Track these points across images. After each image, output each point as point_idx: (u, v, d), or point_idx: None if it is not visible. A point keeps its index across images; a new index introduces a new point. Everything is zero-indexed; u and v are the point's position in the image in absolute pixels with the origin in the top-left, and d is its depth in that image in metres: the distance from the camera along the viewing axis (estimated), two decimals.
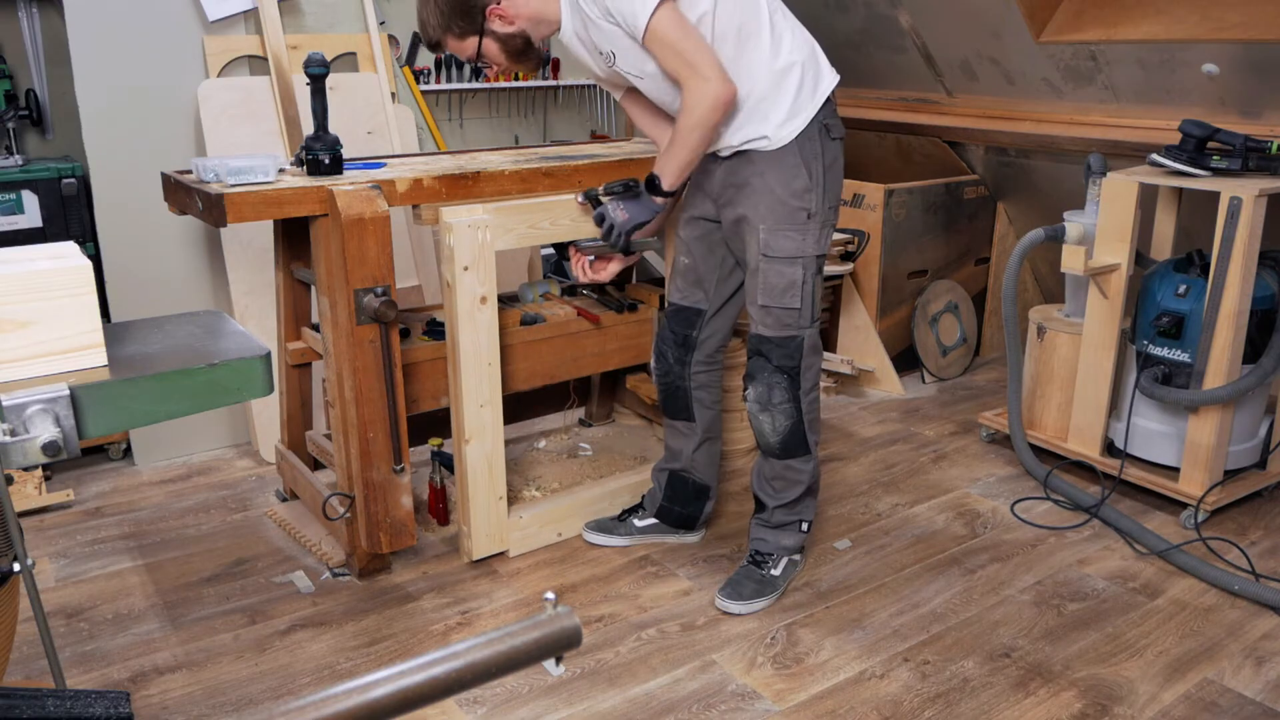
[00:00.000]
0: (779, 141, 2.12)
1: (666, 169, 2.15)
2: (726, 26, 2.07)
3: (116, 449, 3.15)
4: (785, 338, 2.20)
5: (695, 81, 2.01)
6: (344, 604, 2.35)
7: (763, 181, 2.15)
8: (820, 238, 2.18)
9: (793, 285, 2.17)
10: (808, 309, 2.20)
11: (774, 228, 2.15)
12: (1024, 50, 3.51)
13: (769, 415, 2.23)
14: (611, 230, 2.25)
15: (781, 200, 2.14)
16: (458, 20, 2.16)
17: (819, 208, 2.16)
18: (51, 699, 1.18)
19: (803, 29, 2.19)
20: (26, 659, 2.13)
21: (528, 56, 2.23)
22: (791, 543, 2.39)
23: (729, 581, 2.37)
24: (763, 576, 2.36)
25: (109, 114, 2.94)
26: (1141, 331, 2.79)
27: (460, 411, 2.39)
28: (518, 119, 4.35)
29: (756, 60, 2.09)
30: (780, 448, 2.26)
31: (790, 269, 2.16)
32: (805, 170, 2.13)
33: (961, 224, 3.96)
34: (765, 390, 2.22)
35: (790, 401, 2.22)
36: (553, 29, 2.19)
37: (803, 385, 2.23)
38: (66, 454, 1.20)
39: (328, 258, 2.23)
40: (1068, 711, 1.97)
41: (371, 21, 3.38)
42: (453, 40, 2.21)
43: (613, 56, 2.14)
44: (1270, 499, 2.85)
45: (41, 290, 1.30)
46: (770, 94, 2.10)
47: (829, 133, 2.16)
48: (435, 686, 0.79)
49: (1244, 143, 2.59)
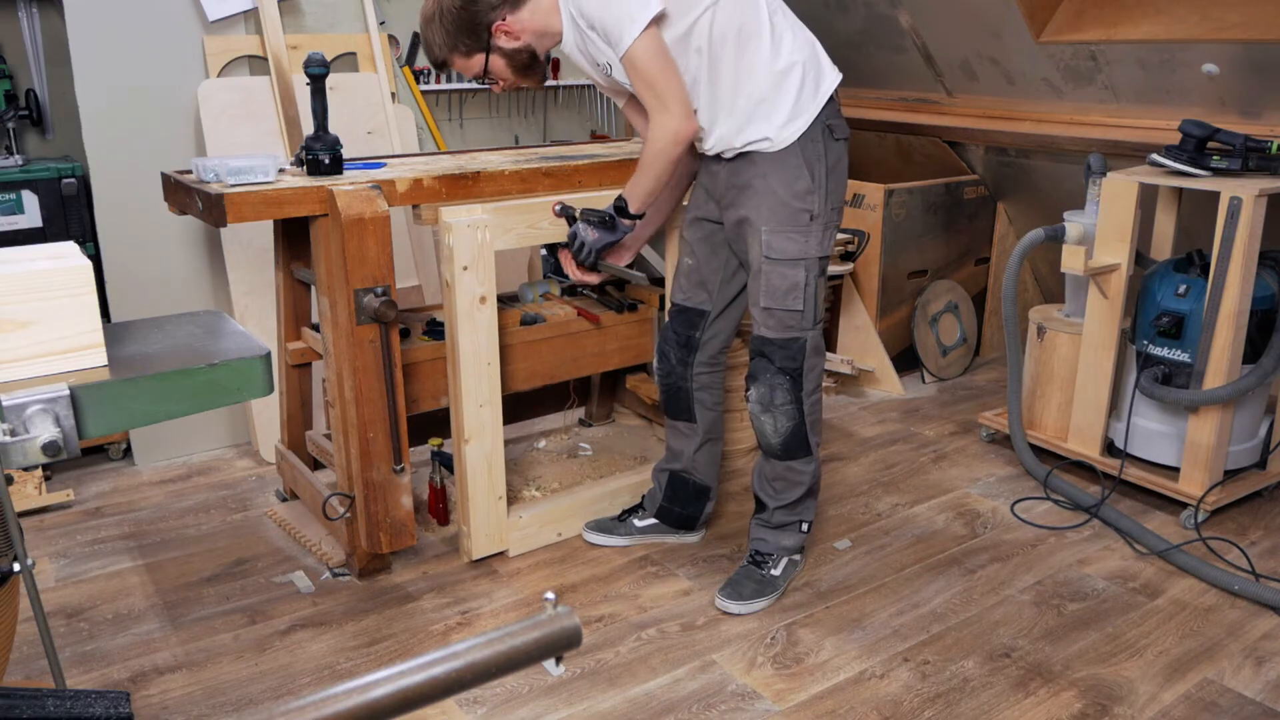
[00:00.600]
0: (781, 143, 2.12)
1: (632, 194, 2.19)
2: (726, 27, 2.07)
3: (116, 449, 3.15)
4: (788, 340, 2.20)
5: (659, 114, 2.06)
6: (344, 604, 2.35)
7: (765, 183, 2.15)
8: (823, 239, 2.18)
9: (795, 287, 2.17)
10: (810, 311, 2.20)
11: (776, 229, 2.15)
12: (1024, 50, 3.51)
13: (771, 416, 2.23)
14: (582, 248, 2.26)
15: (784, 202, 2.14)
16: (464, 38, 2.16)
17: (821, 209, 2.16)
18: (51, 699, 1.18)
19: (804, 28, 2.19)
20: (26, 659, 2.13)
21: (533, 71, 2.24)
22: (791, 543, 2.39)
23: (729, 581, 2.37)
24: (763, 577, 2.36)
25: (109, 114, 2.94)
26: (1141, 331, 2.79)
27: (460, 411, 2.39)
28: (518, 119, 4.35)
29: (757, 61, 2.09)
30: (782, 449, 2.26)
31: (793, 271, 2.16)
32: (808, 172, 2.13)
33: (961, 224, 3.96)
34: (768, 391, 2.22)
35: (793, 403, 2.22)
36: (555, 41, 2.20)
37: (805, 387, 2.23)
38: (66, 454, 1.20)
39: (328, 258, 2.23)
40: (1068, 711, 1.97)
41: (371, 21, 3.38)
42: (459, 59, 2.20)
43: (609, 68, 2.16)
44: (1270, 499, 2.85)
45: (41, 290, 1.30)
46: (771, 95, 2.10)
47: (832, 133, 2.16)
48: (435, 686, 0.79)
49: (1244, 143, 2.59)
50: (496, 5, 2.12)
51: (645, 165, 2.14)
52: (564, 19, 2.15)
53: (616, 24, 2.01)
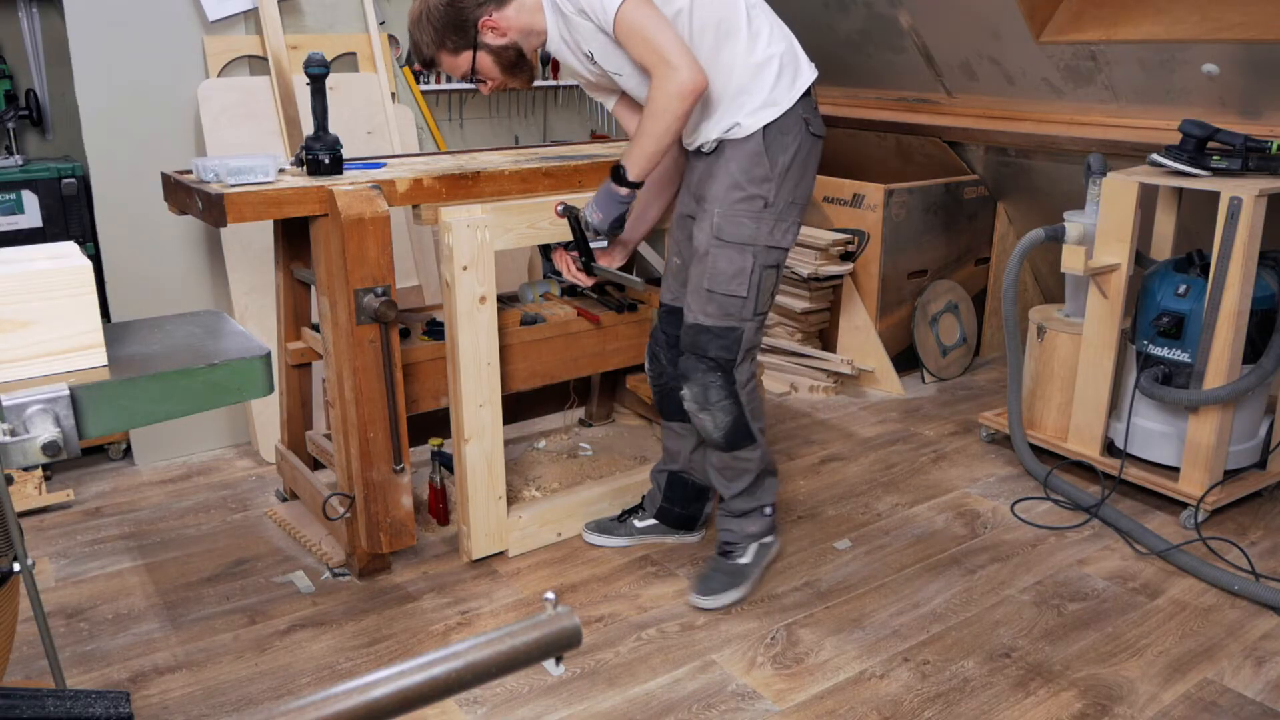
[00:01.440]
0: (748, 129, 2.11)
1: (631, 158, 2.12)
2: (705, 22, 2.07)
3: (116, 449, 3.15)
4: (725, 328, 2.18)
5: (663, 69, 1.99)
6: (344, 604, 2.35)
7: (725, 167, 2.14)
8: (774, 229, 2.15)
9: (741, 272, 2.14)
10: (753, 299, 2.17)
11: (727, 212, 2.13)
12: (1024, 50, 3.51)
13: (709, 414, 2.23)
14: (595, 231, 2.25)
15: (739, 184, 2.12)
16: (451, 35, 2.16)
17: (776, 199, 2.13)
18: (51, 699, 1.18)
19: (781, 25, 2.18)
20: (26, 659, 2.13)
21: (521, 69, 2.23)
22: (756, 529, 2.39)
23: (700, 577, 2.37)
24: (732, 567, 2.37)
25: (109, 114, 2.94)
26: (1141, 331, 2.79)
27: (459, 411, 2.39)
28: (518, 119, 4.36)
29: (735, 55, 2.09)
30: (726, 442, 2.26)
31: (740, 256, 2.14)
32: (768, 160, 2.11)
33: (961, 224, 3.96)
34: (701, 391, 2.21)
35: (728, 398, 2.21)
36: (541, 39, 2.19)
37: (739, 379, 2.22)
38: (66, 454, 1.20)
39: (328, 258, 2.23)
40: (1068, 711, 1.97)
41: (371, 21, 3.38)
42: (447, 56, 2.20)
43: (592, 56, 2.14)
44: (1270, 499, 2.85)
45: (41, 290, 1.31)
46: (749, 86, 2.10)
47: (808, 126, 2.15)
48: (435, 686, 0.79)
49: (1244, 143, 2.59)
50: (482, 2, 2.12)
51: (646, 125, 2.04)
52: (547, 12, 2.14)
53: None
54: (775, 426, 3.43)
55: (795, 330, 3.82)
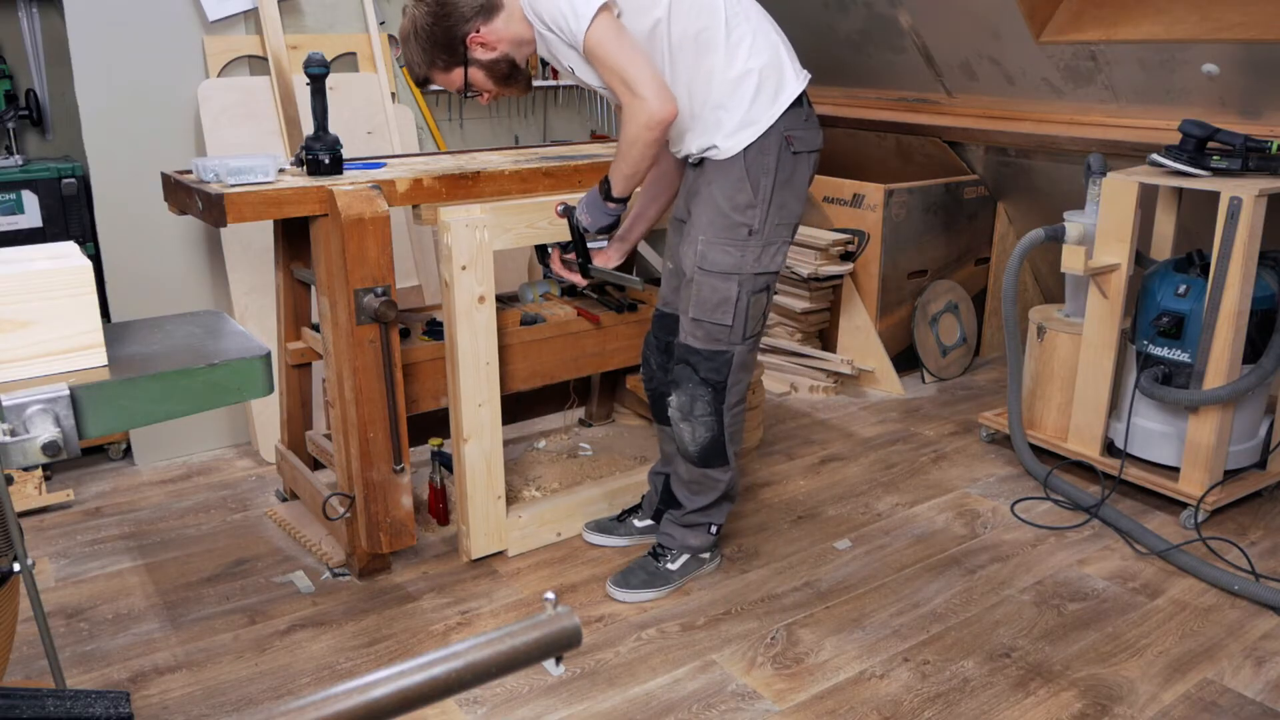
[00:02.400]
0: (727, 152, 2.08)
1: (614, 177, 2.13)
2: (684, 34, 2.04)
3: (116, 449, 3.15)
4: (714, 352, 2.17)
5: (629, 100, 1.98)
6: (344, 604, 2.35)
7: (709, 191, 2.12)
8: (761, 255, 2.12)
9: (725, 301, 2.13)
10: (740, 326, 2.15)
11: (711, 240, 2.11)
12: (1024, 50, 3.51)
13: (689, 425, 2.22)
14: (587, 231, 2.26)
15: (723, 213, 2.10)
16: (440, 54, 2.14)
17: (762, 226, 2.10)
18: (51, 699, 1.18)
19: (768, 34, 2.12)
20: (26, 659, 2.13)
21: (515, 80, 2.22)
22: (697, 543, 2.39)
23: (623, 570, 2.40)
24: (656, 569, 2.38)
25: (109, 114, 2.94)
26: (1141, 331, 2.79)
27: (459, 410, 2.39)
28: (518, 119, 4.35)
29: (714, 67, 2.06)
30: (698, 457, 2.26)
31: (724, 284, 2.12)
32: (750, 185, 2.08)
33: (961, 224, 3.96)
34: (688, 401, 2.21)
35: (712, 415, 2.20)
36: (532, 48, 2.17)
37: (728, 399, 2.21)
38: (66, 454, 1.20)
39: (328, 258, 2.23)
40: (1068, 711, 1.97)
41: (371, 21, 3.38)
42: (439, 74, 2.18)
43: (572, 70, 2.12)
44: (1270, 499, 2.85)
45: (41, 290, 1.31)
46: (726, 101, 2.06)
47: (790, 145, 2.10)
48: (435, 686, 0.79)
49: (1244, 143, 2.59)
50: (470, 17, 2.09)
51: (621, 151, 2.06)
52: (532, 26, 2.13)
53: (565, 18, 1.97)
54: (775, 426, 3.43)
55: (795, 330, 3.82)
